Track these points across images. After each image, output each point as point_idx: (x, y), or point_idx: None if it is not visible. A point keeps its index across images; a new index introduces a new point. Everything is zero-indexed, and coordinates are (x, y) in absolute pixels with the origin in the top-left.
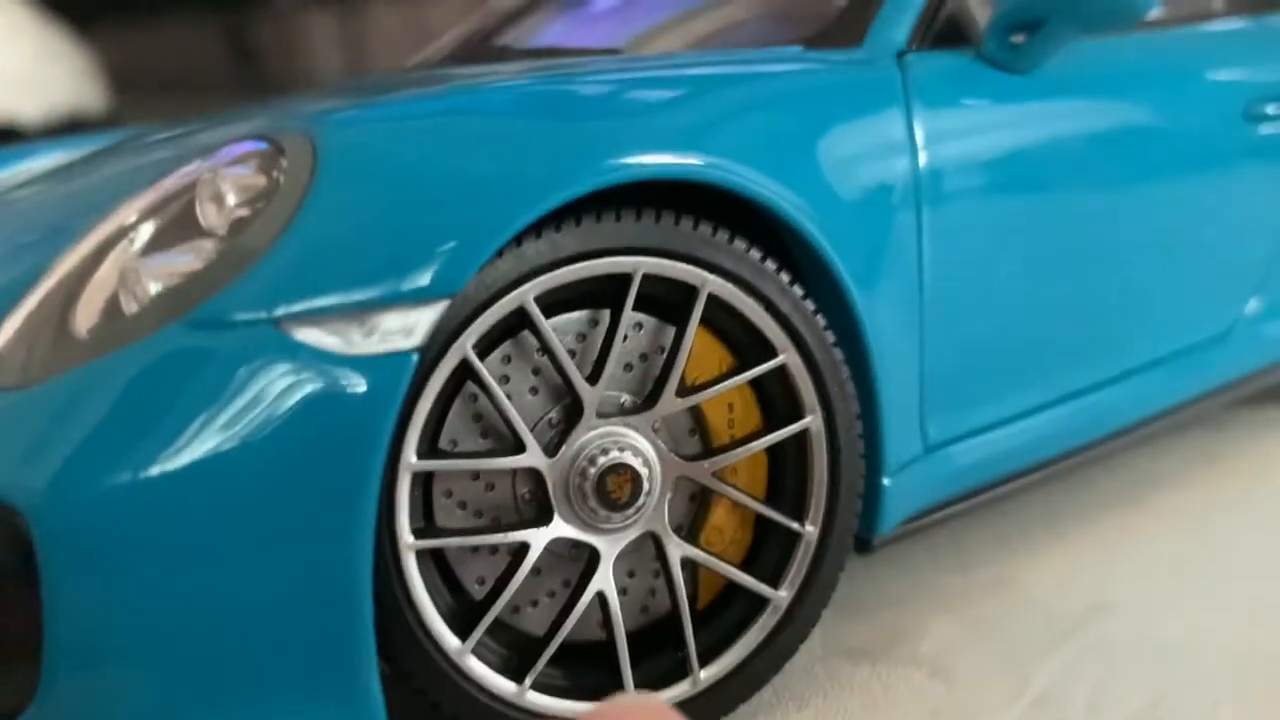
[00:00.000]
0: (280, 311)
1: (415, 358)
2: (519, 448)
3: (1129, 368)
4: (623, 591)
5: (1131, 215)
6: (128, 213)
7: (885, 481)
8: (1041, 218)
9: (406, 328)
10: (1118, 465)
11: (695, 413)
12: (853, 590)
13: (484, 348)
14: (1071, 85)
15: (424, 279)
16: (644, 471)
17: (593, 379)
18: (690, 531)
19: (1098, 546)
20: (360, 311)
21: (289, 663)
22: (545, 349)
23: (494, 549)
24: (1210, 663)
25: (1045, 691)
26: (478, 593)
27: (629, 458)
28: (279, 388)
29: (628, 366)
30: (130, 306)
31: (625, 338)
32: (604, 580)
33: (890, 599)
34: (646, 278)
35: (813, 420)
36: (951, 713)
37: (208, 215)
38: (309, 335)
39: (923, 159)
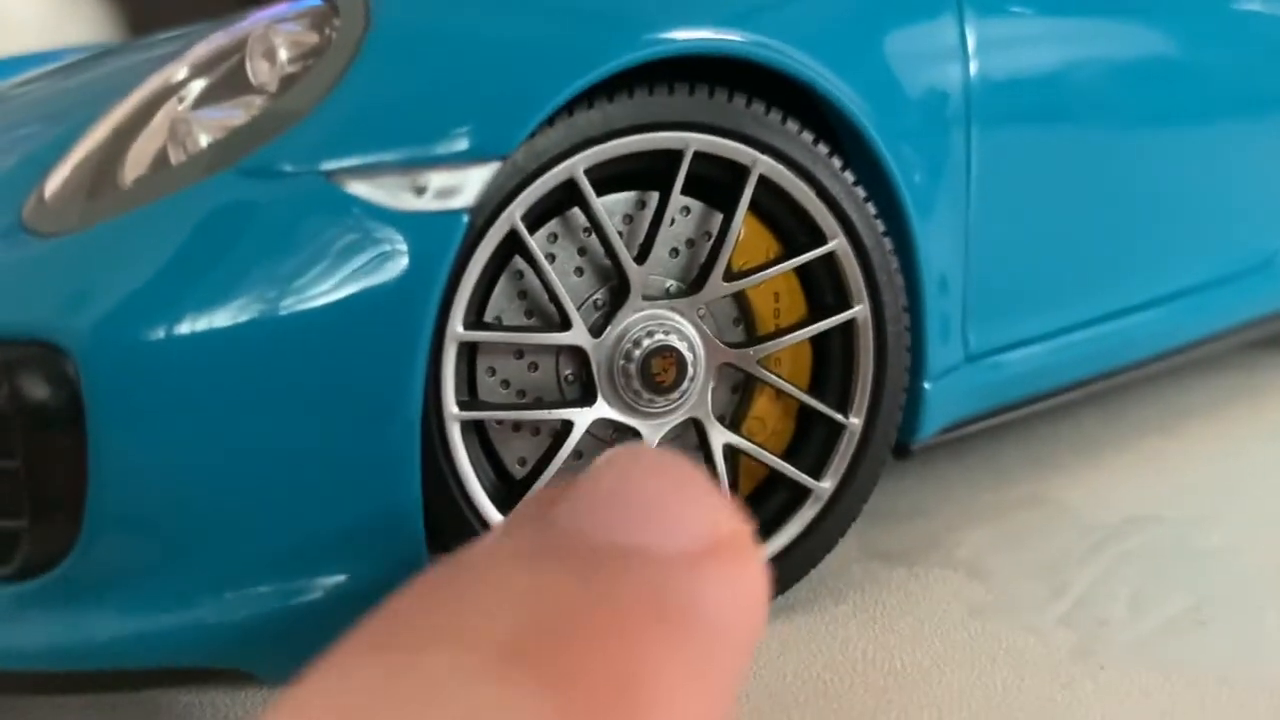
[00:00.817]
0: (330, 165)
1: (466, 219)
2: (565, 325)
3: (1169, 291)
4: None
5: (1177, 137)
6: (179, 68)
7: (926, 386)
8: (1088, 134)
9: (457, 186)
10: (1148, 397)
11: (741, 300)
12: (887, 500)
13: (531, 223)
14: (1123, 2)
15: (474, 139)
16: (689, 355)
17: (640, 259)
18: (733, 421)
19: (1132, 468)
20: (412, 168)
21: (335, 528)
22: (594, 226)
23: (536, 429)
24: (1254, 570)
25: (1086, 592)
26: (519, 473)
27: (674, 341)
28: (331, 241)
29: (674, 252)
30: (179, 156)
31: (673, 221)
32: None
33: (925, 510)
34: (697, 157)
35: (860, 310)
36: (990, 610)
37: (259, 71)
38: (360, 189)
39: (973, 67)
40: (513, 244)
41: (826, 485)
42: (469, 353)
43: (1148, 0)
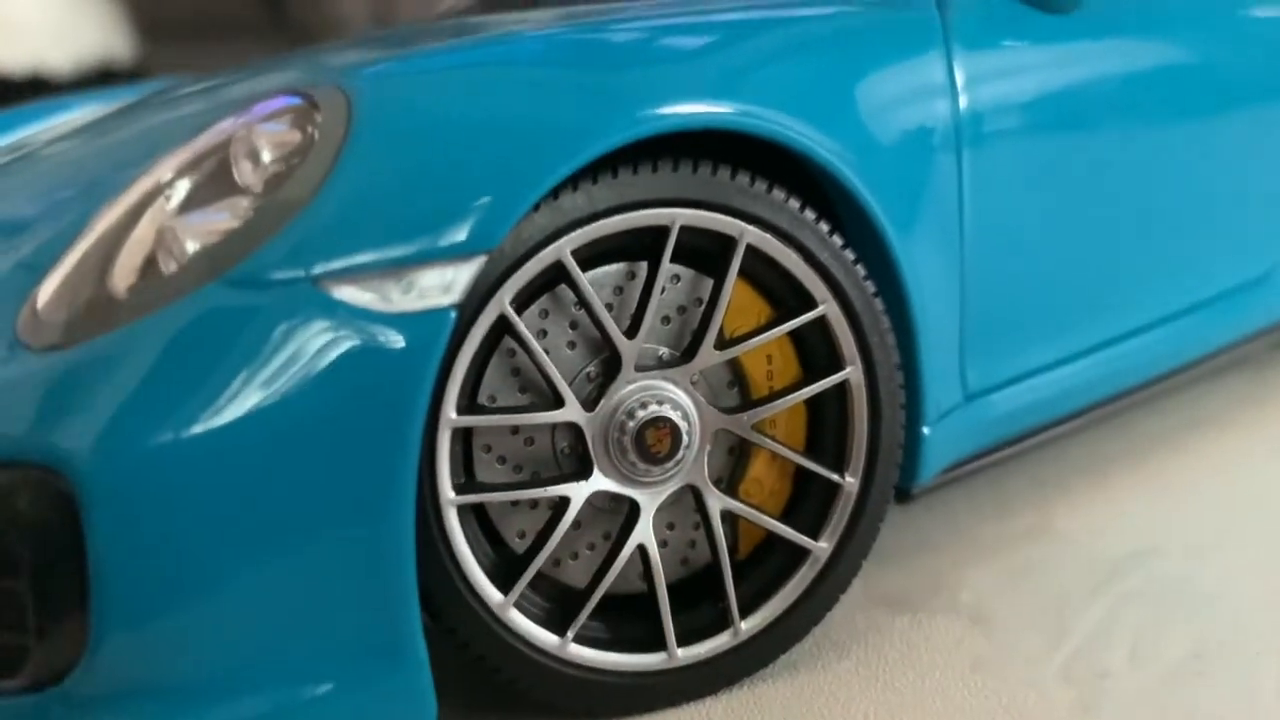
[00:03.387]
0: (318, 270)
1: (454, 314)
2: (558, 402)
3: (1169, 312)
4: (663, 544)
5: (1171, 158)
6: (164, 170)
7: (925, 430)
8: (1081, 161)
9: (444, 284)
10: (1159, 408)
11: (734, 365)
12: (891, 537)
13: (521, 302)
14: (1111, 26)
15: (461, 234)
16: (683, 425)
17: (630, 332)
18: (729, 484)
19: (1138, 492)
20: (398, 268)
21: (335, 622)
22: (583, 303)
23: (534, 503)
24: (1252, 612)
25: (1086, 640)
26: (519, 546)
27: (668, 411)
28: (318, 345)
29: (665, 319)
30: (169, 266)
31: (663, 290)
32: (644, 533)
33: (928, 546)
34: (684, 229)
35: (853, 371)
36: (992, 662)
37: (243, 173)
38: (347, 293)
39: (963, 102)
40: (503, 326)
41: (825, 545)
42: (464, 433)
43: (1144, 24)
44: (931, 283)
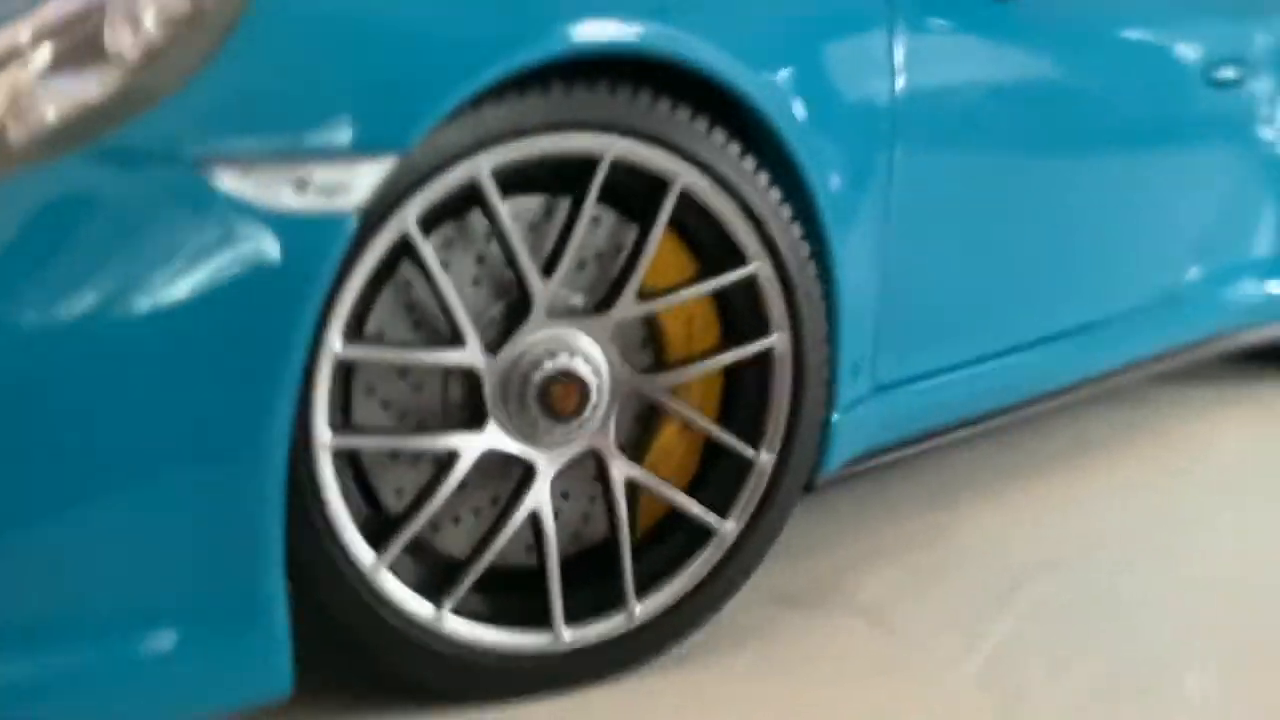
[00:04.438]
0: (198, 150)
1: (353, 222)
2: (456, 341)
3: (1081, 323)
4: (555, 514)
5: (1094, 167)
6: (22, 31)
7: (835, 418)
8: (1008, 159)
9: (344, 183)
10: (1046, 431)
11: (652, 324)
12: (785, 535)
13: (425, 226)
14: (1048, 23)
15: (366, 130)
16: (593, 381)
17: (546, 272)
18: (635, 452)
19: (1037, 502)
20: (292, 160)
21: (181, 571)
22: (496, 232)
23: (416, 458)
24: (1170, 627)
25: (1000, 647)
26: (395, 506)
27: (578, 364)
28: (189, 242)
29: (582, 265)
30: (19, 135)
31: (583, 232)
32: (539, 499)
33: (822, 546)
34: (615, 165)
35: (779, 338)
36: (899, 665)
37: (119, 39)
38: (230, 182)
39: (900, 83)
40: (402, 249)
41: (732, 526)
42: (345, 371)
43: (1078, 25)
44: (855, 261)
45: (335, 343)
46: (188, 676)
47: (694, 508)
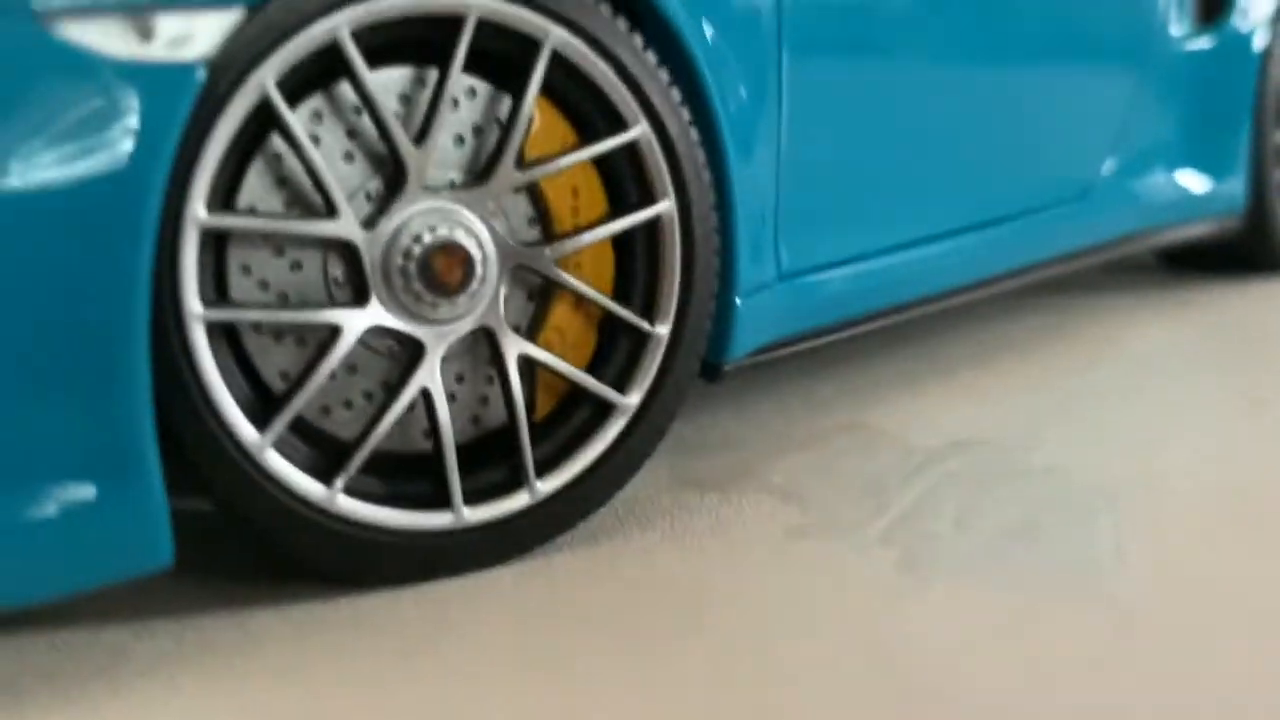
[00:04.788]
0: (40, 3)
1: (200, 73)
2: (332, 214)
3: (981, 219)
4: (451, 398)
5: (989, 61)
6: None
7: (738, 301)
8: (900, 49)
9: (189, 33)
10: (960, 334)
11: (536, 199)
12: (698, 432)
13: (291, 95)
14: None
15: None
16: (477, 254)
17: (419, 142)
18: (529, 332)
19: (951, 395)
20: (136, 9)
21: (52, 436)
22: (364, 102)
23: (300, 339)
24: (1083, 486)
25: (909, 510)
26: (279, 388)
27: (460, 236)
28: (38, 96)
29: (459, 140)
30: None
31: (456, 104)
32: (429, 376)
33: (739, 440)
34: (482, 26)
35: (666, 205)
36: (808, 531)
37: None
38: (77, 33)
39: None
40: (267, 119)
41: (632, 400)
42: (217, 249)
43: None
44: (744, 131)
45: (199, 210)
46: (63, 545)
47: (591, 383)
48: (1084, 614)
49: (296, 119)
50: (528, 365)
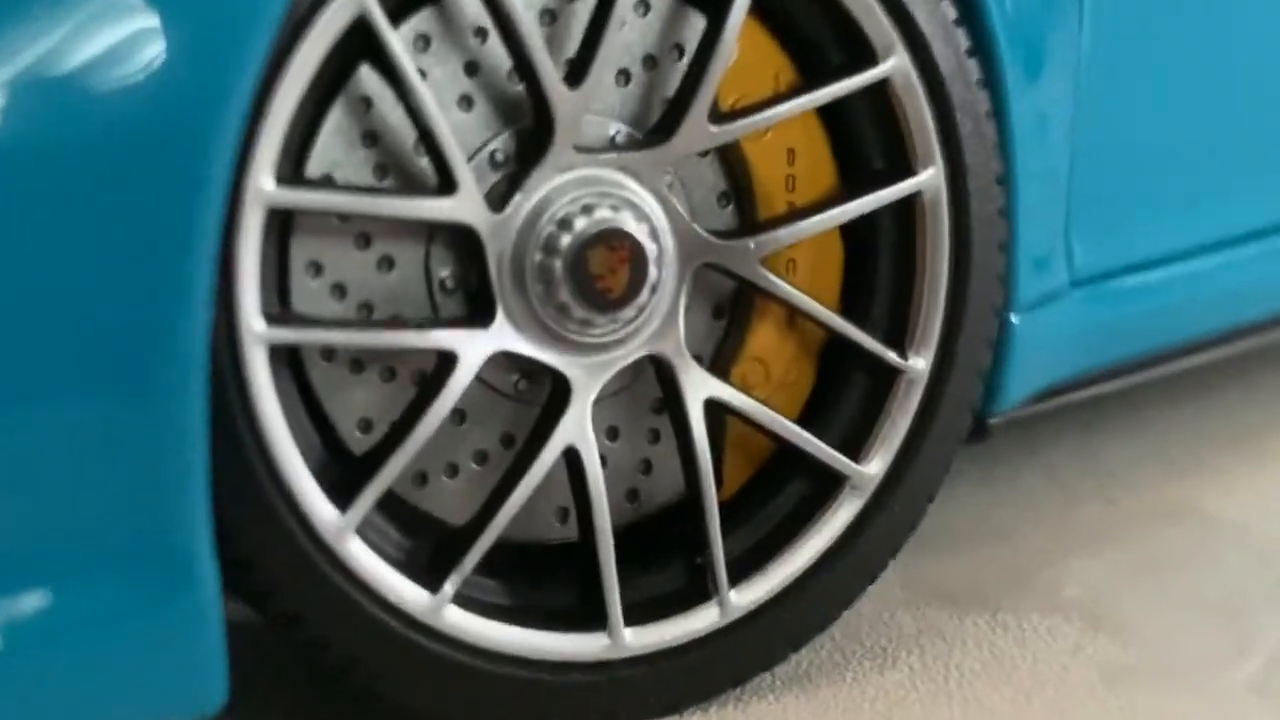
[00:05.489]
0: None
1: None
2: (446, 188)
3: None
4: (601, 460)
5: None
6: None
7: (1014, 320)
8: None
9: None
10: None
11: (732, 165)
12: (939, 517)
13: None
14: None
15: None
16: (650, 246)
17: (572, 81)
18: (718, 364)
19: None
20: None
21: (61, 518)
22: (496, 17)
23: (391, 369)
24: None
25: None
26: (360, 444)
27: (627, 221)
28: (49, 22)
29: (624, 76)
30: None
31: (624, 23)
32: (576, 430)
33: (999, 529)
34: None
35: (930, 175)
36: (1136, 673)
37: None
38: None
39: None
40: (356, 48)
41: (872, 469)
42: (279, 235)
43: None
44: (1034, 78)
45: (265, 181)
46: (75, 676)
47: (811, 442)
48: None
49: (401, 44)
50: (717, 410)
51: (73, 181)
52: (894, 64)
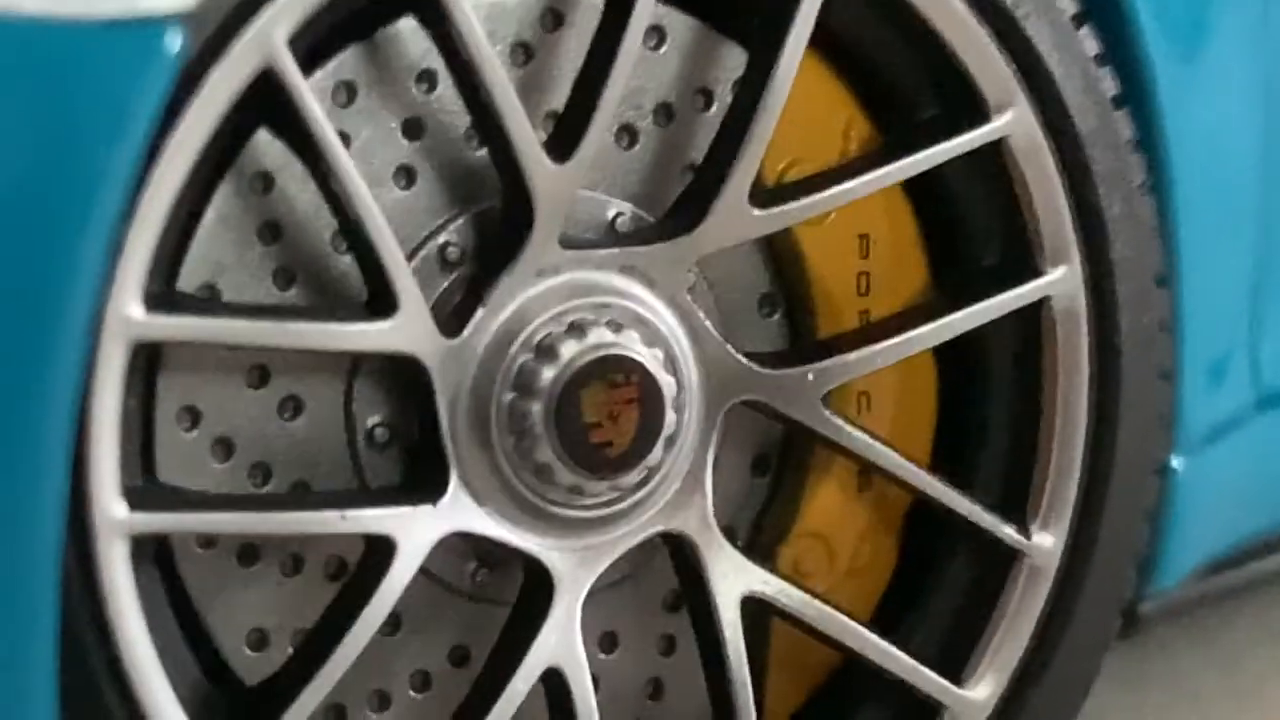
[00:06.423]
0: None
1: (179, 40)
2: (379, 302)
3: None
4: (593, 682)
5: None
6: None
7: (1174, 465)
8: None
9: None
10: None
11: (782, 253)
12: None
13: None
14: None
15: None
16: (666, 381)
17: (557, 144)
18: (760, 543)
19: None
20: None
21: None
22: (449, 56)
23: (296, 559)
24: None
25: None
26: (252, 668)
27: (634, 345)
28: None
29: (627, 135)
30: None
31: (629, 58)
32: (561, 642)
33: None
34: None
35: (1063, 275)
36: None
37: None
38: None
39: None
40: (257, 105)
41: (979, 694)
42: (148, 376)
43: None
44: (1212, 153)
45: (130, 307)
46: None
47: (896, 660)
48: None
49: (316, 104)
50: (756, 615)
51: None
52: (1012, 119)
